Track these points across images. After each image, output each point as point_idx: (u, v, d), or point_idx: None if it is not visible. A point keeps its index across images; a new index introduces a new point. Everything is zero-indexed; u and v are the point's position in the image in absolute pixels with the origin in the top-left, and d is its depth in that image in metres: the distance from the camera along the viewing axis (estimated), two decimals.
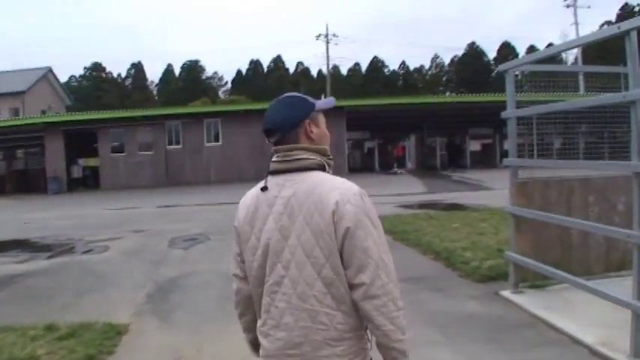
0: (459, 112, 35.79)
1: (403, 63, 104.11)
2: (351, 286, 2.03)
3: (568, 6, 51.64)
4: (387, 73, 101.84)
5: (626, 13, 76.66)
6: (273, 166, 2.15)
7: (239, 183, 28.79)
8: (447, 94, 62.24)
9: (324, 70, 70.83)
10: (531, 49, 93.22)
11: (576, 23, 50.10)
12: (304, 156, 2.11)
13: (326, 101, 2.29)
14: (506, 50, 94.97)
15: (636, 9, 77.53)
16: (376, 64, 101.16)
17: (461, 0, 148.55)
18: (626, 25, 4.30)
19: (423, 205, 16.72)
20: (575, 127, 7.17)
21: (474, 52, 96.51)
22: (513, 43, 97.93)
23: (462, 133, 41.33)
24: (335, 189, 2.03)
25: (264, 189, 2.13)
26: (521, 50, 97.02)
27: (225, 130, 32.64)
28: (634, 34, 4.31)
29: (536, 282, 6.69)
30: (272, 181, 2.13)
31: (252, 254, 2.15)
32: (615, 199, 6.74)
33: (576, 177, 6.73)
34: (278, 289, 2.07)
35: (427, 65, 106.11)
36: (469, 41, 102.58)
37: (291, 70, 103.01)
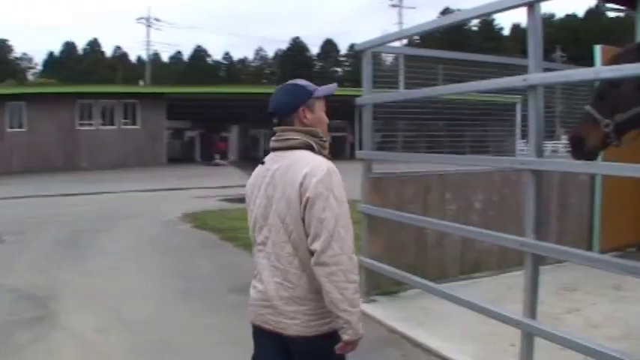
0: None
1: (227, 54, 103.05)
2: (310, 252, 2.25)
3: (394, 5, 53.50)
4: (211, 63, 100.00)
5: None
6: (271, 144, 2.45)
7: (46, 173, 25.96)
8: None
9: (144, 56, 67.55)
10: (353, 47, 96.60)
11: (400, 23, 52.05)
12: (293, 136, 2.38)
13: (326, 88, 2.53)
14: (329, 46, 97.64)
15: None
16: (199, 52, 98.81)
17: None
18: None
19: None
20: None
21: (297, 46, 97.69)
22: (336, 40, 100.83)
23: None
24: (307, 165, 2.28)
25: (262, 163, 2.46)
26: (343, 47, 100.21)
27: (31, 115, 29.09)
28: (538, 7, 3.66)
29: (390, 288, 5.98)
30: (269, 156, 2.44)
31: (251, 217, 2.50)
32: (473, 197, 6.31)
33: (433, 172, 6.13)
34: (263, 248, 2.41)
35: (251, 57, 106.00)
36: (293, 35, 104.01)
37: (109, 54, 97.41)
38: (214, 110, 35.32)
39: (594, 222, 7.23)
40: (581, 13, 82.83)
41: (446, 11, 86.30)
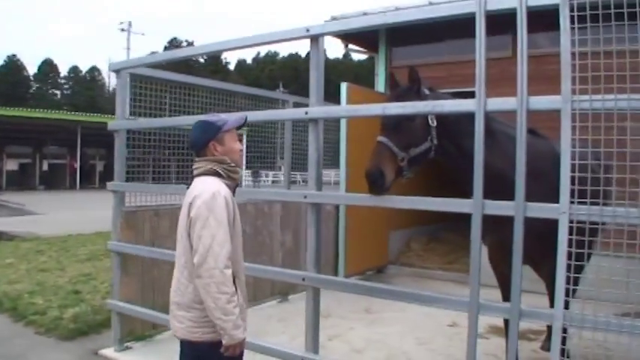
0: None
1: None
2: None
3: (123, 30, 52.14)
4: None
5: (173, 46, 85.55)
6: (193, 172, 2.86)
7: None
8: None
9: None
10: (74, 69, 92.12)
11: (128, 48, 50.78)
12: (202, 165, 2.82)
13: (234, 121, 2.90)
14: (48, 67, 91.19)
15: (184, 44, 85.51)
16: None
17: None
18: (317, 29, 3.57)
19: None
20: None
21: (13, 64, 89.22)
22: (56, 61, 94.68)
23: None
24: (199, 188, 2.71)
25: (188, 186, 2.86)
26: (64, 69, 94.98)
27: None
28: (322, 41, 3.63)
29: (146, 332, 5.52)
30: (193, 181, 2.86)
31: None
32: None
33: None
34: (176, 258, 2.82)
35: None
36: (10, 53, 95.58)
37: None
38: None
39: (339, 249, 7.56)
40: (303, 53, 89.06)
41: (174, 40, 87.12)
